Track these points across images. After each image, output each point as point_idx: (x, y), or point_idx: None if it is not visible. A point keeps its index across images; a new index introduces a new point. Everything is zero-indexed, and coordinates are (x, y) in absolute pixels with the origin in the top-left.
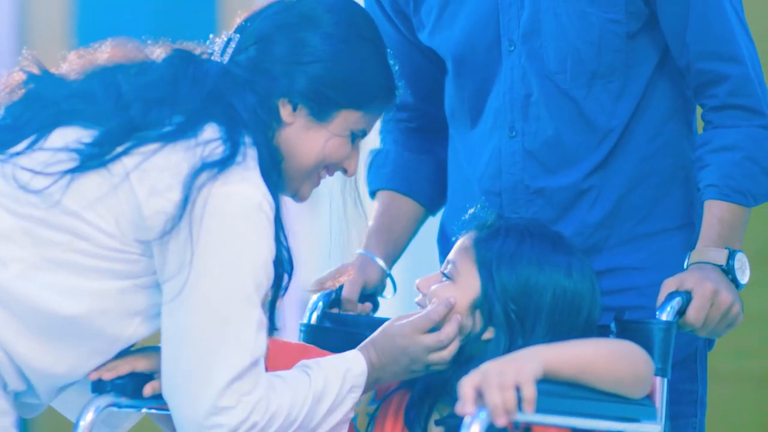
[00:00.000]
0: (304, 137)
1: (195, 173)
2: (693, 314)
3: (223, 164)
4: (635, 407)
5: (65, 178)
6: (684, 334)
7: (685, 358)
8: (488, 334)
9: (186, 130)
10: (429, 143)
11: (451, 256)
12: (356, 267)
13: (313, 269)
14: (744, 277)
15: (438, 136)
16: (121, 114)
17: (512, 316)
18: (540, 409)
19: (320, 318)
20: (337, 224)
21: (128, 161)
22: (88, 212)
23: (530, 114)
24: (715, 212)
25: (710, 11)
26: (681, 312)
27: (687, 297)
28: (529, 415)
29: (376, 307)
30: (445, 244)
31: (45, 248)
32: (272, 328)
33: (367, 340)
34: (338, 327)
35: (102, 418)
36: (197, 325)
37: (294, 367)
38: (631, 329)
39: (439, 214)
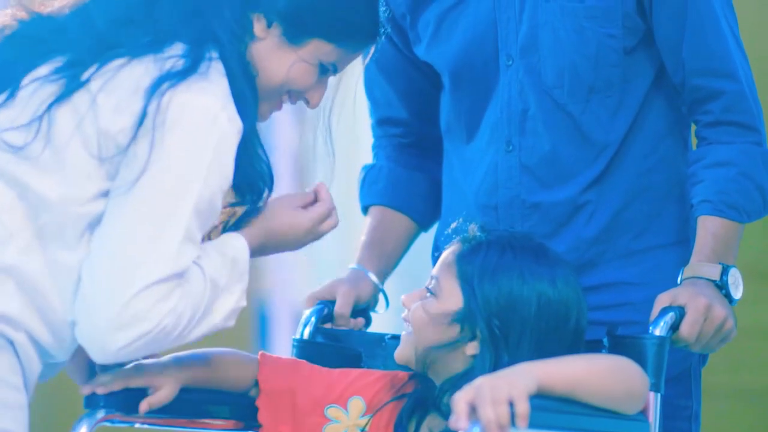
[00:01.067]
0: (272, 56)
1: (155, 84)
2: (686, 329)
3: (183, 75)
4: (629, 423)
5: (44, 125)
6: (679, 350)
7: (679, 373)
8: (472, 350)
9: (153, 47)
10: (422, 159)
11: (434, 271)
12: (349, 282)
13: (307, 274)
14: (737, 293)
15: (431, 153)
16: (92, 36)
17: (496, 332)
18: (533, 424)
19: (313, 333)
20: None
21: (94, 85)
22: (67, 152)
23: (527, 129)
24: (708, 227)
25: (706, 28)
26: (674, 327)
27: (680, 312)
28: (522, 431)
29: (368, 322)
30: (438, 259)
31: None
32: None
33: (251, 224)
34: (331, 342)
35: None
36: (131, 226)
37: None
38: (625, 344)
39: (433, 229)
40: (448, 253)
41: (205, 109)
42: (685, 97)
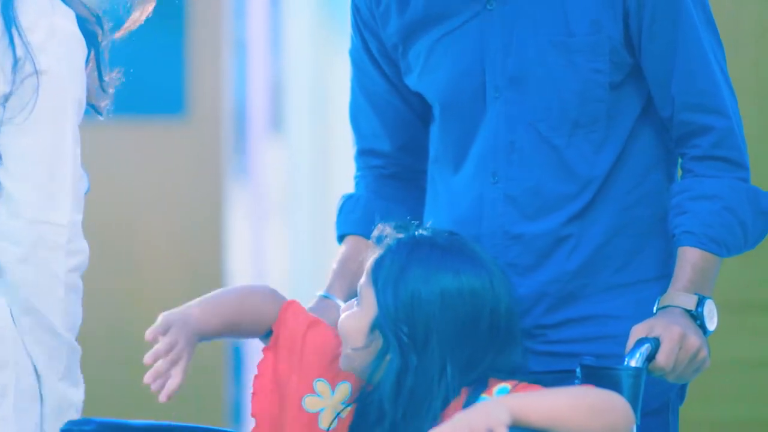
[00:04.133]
0: None
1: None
2: (662, 358)
3: None
4: None
5: None
6: (658, 384)
7: (658, 408)
8: (389, 357)
9: None
10: (402, 191)
11: (361, 279)
12: (318, 311)
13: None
14: (712, 325)
15: (411, 185)
16: None
17: (403, 337)
18: None
19: None
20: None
21: None
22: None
23: (513, 160)
24: (689, 258)
25: (695, 64)
26: (650, 358)
27: (656, 343)
28: None
29: None
30: None
31: None
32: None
33: None
34: None
35: None
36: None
37: None
38: (599, 375)
39: None
40: (370, 260)
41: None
42: (673, 131)
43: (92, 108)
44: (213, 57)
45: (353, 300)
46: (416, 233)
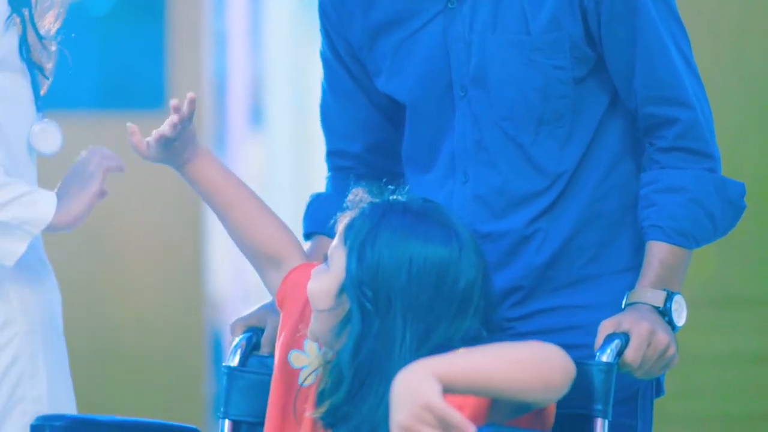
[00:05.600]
0: None
1: None
2: (631, 354)
3: None
4: None
5: None
6: (627, 376)
7: (628, 396)
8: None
9: None
10: None
11: (333, 242)
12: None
13: None
14: (680, 320)
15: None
16: None
17: (365, 302)
18: None
19: (242, 360)
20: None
21: None
22: None
23: (481, 160)
24: (656, 253)
25: (655, 57)
26: (619, 353)
27: (626, 338)
28: None
29: None
30: None
31: None
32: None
33: None
34: (261, 370)
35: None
36: None
37: None
38: None
39: None
40: (343, 222)
41: None
42: (639, 123)
43: (39, 70)
44: (193, 51)
45: (324, 264)
46: (390, 198)
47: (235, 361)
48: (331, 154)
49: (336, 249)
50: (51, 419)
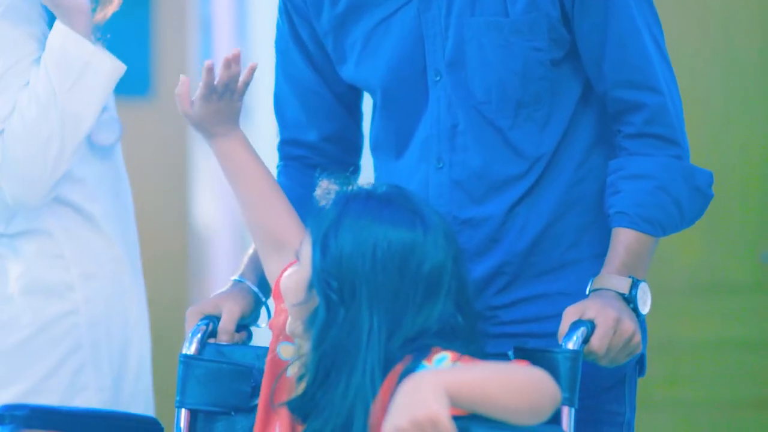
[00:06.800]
0: None
1: None
2: (596, 342)
3: None
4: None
5: None
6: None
7: (615, 383)
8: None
9: None
10: None
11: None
12: (233, 297)
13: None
14: (645, 308)
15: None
16: None
17: (331, 293)
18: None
19: (200, 349)
20: None
21: None
22: None
23: (457, 144)
24: (622, 240)
25: (626, 40)
26: (585, 340)
27: (592, 326)
28: None
29: (250, 336)
30: None
31: None
32: None
33: None
34: (217, 358)
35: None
36: None
37: None
38: (536, 358)
39: None
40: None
41: None
42: (608, 108)
43: None
44: (179, 38)
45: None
46: (355, 187)
47: (191, 350)
48: (285, 143)
49: (304, 243)
50: (12, 409)
